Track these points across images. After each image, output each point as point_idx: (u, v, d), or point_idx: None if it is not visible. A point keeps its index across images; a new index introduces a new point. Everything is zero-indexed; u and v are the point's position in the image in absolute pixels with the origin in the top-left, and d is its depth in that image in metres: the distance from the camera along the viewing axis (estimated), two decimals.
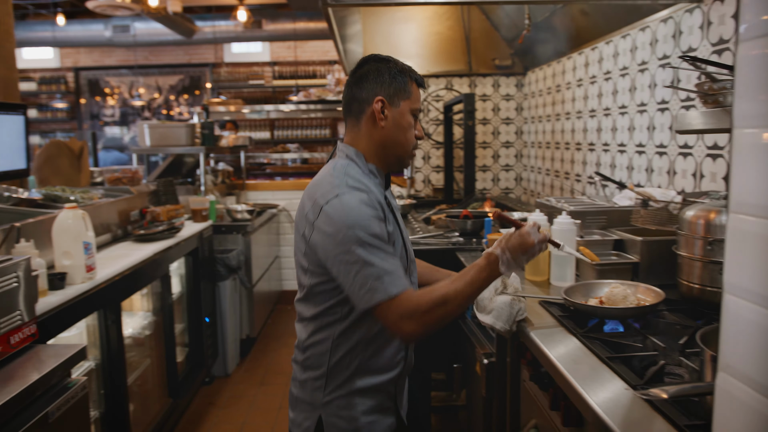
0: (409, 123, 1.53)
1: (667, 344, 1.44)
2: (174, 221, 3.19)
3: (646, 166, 2.81)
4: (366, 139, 1.52)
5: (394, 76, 1.50)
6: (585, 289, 1.77)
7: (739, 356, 0.73)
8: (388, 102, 1.49)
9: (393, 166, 1.58)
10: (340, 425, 1.49)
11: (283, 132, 9.92)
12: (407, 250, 1.57)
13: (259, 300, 4.39)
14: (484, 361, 2.12)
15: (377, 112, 1.48)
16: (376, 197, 1.44)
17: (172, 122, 5.59)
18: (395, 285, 1.35)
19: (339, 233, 1.35)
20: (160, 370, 2.90)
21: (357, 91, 1.51)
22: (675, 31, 2.54)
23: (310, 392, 1.50)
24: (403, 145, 1.53)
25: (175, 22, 8.22)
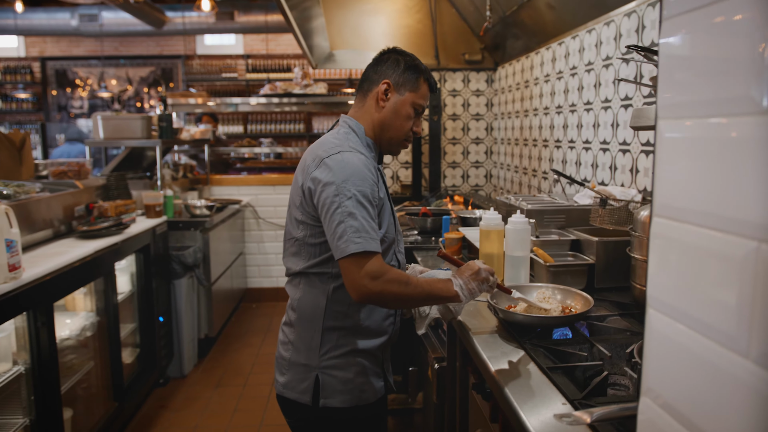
0: (408, 114, 1.61)
1: (613, 353, 1.36)
2: (123, 217, 3.05)
3: (610, 163, 2.74)
4: (367, 116, 1.62)
5: (408, 68, 1.60)
6: (508, 298, 1.69)
7: (661, 381, 0.63)
8: (394, 88, 1.59)
9: (384, 148, 1.67)
10: (337, 386, 1.55)
11: (257, 126, 9.73)
12: (395, 221, 1.65)
13: (219, 298, 4.25)
14: (435, 366, 2.03)
15: (381, 93, 1.59)
16: (373, 163, 1.55)
17: (127, 114, 5.41)
18: (371, 245, 1.40)
19: (334, 183, 1.43)
20: (104, 373, 2.76)
21: (372, 72, 1.63)
22: (638, 25, 2.47)
23: (306, 353, 1.56)
24: (396, 129, 1.61)
25: (143, 11, 7.99)
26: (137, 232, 3.10)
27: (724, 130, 0.53)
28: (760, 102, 0.48)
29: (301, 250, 1.56)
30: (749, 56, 0.49)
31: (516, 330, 1.51)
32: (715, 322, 0.56)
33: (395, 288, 1.41)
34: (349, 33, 4.71)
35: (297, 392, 1.57)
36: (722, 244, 0.54)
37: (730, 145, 0.53)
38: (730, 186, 0.53)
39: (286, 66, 9.71)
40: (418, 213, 2.88)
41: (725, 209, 0.53)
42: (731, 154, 0.52)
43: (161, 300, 3.51)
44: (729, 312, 0.53)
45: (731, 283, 0.52)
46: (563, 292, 1.65)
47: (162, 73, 10.23)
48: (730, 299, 0.53)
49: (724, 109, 0.53)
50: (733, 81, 0.52)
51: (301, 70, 5.01)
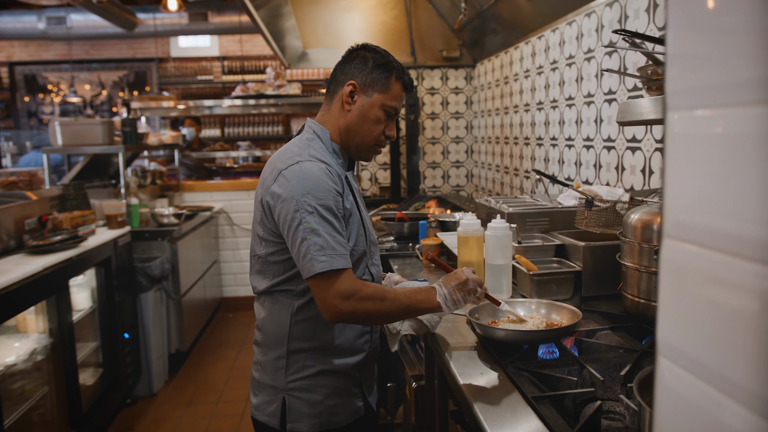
0: (377, 117, 1.48)
1: (606, 375, 1.21)
2: (80, 229, 2.85)
3: (594, 161, 2.61)
4: (333, 120, 1.51)
5: (377, 66, 1.47)
6: (493, 310, 1.54)
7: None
8: (361, 89, 1.47)
9: (353, 155, 1.55)
10: (303, 409, 1.46)
11: (234, 129, 9.52)
12: (366, 231, 1.53)
13: (190, 310, 4.05)
14: (413, 384, 1.88)
15: (345, 96, 1.48)
16: (336, 171, 1.43)
17: (87, 119, 5.18)
18: (338, 262, 1.31)
19: (294, 197, 1.33)
20: (59, 399, 2.56)
21: (339, 72, 1.52)
22: (621, 15, 2.33)
23: (272, 374, 1.48)
24: (364, 134, 1.50)
25: (113, 13, 7.74)
26: (96, 245, 2.90)
27: (762, 123, 0.38)
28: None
29: (264, 268, 1.47)
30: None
31: (497, 349, 1.36)
32: (750, 384, 0.40)
33: (369, 306, 1.33)
34: (322, 31, 4.54)
35: (266, 415, 1.49)
36: (758, 278, 0.39)
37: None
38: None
39: (262, 67, 9.50)
40: (394, 218, 2.72)
41: (762, 232, 0.38)
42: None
43: (126, 315, 3.31)
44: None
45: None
46: (547, 306, 1.51)
47: (135, 76, 9.96)
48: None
49: (761, 94, 0.38)
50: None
51: (274, 71, 4.82)
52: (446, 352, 1.41)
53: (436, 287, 1.40)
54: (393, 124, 1.54)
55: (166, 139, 4.94)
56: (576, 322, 1.34)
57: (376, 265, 1.59)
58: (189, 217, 4.07)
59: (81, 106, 9.86)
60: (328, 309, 1.32)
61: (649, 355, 1.28)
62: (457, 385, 1.25)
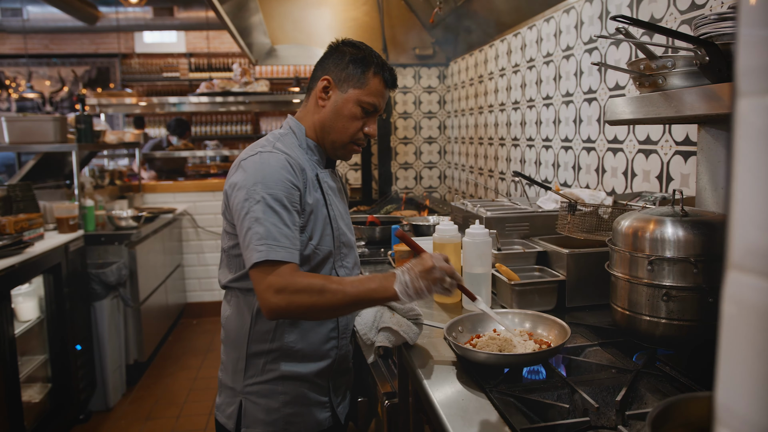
0: (352, 113, 1.42)
1: (600, 400, 1.09)
2: (25, 233, 2.63)
3: (573, 163, 2.51)
4: (309, 116, 1.47)
5: (353, 61, 1.41)
6: (478, 321, 1.41)
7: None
8: (336, 84, 1.42)
9: (330, 153, 1.49)
10: (259, 415, 1.40)
11: (202, 128, 9.25)
12: (335, 231, 1.46)
13: (150, 318, 3.84)
14: (385, 402, 1.74)
15: (319, 91, 1.43)
16: (299, 165, 1.36)
17: (36, 115, 4.92)
18: (277, 253, 1.24)
19: (245, 186, 1.29)
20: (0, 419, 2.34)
21: (317, 68, 1.48)
22: (602, 10, 2.24)
23: (232, 375, 1.44)
24: (339, 131, 1.44)
25: (73, 6, 7.42)
26: (43, 251, 2.68)
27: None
28: None
29: (229, 262, 1.44)
30: None
31: (478, 369, 1.23)
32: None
33: (305, 299, 1.23)
34: (291, 27, 4.38)
35: (224, 416, 1.45)
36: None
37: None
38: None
39: (230, 64, 9.26)
40: (364, 222, 2.58)
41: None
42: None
43: (79, 326, 3.10)
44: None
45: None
46: (532, 319, 1.39)
47: (98, 72, 9.60)
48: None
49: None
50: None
51: (241, 68, 4.63)
52: (421, 372, 1.28)
53: (396, 272, 1.28)
54: (373, 121, 1.47)
55: (128, 137, 4.71)
56: (565, 341, 1.22)
57: (346, 267, 1.51)
58: (149, 219, 3.86)
59: (39, 102, 9.45)
60: (261, 303, 1.24)
61: (644, 375, 1.17)
62: (435, 412, 1.12)
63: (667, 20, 1.83)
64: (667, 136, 1.87)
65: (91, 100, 4.78)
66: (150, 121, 9.15)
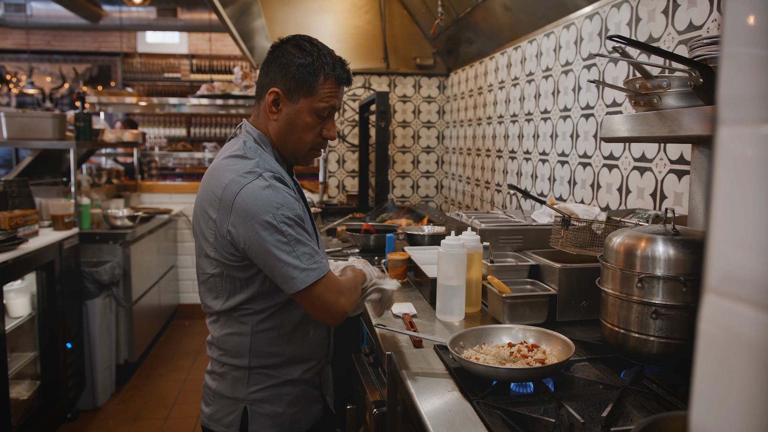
0: (306, 123, 1.37)
1: (586, 416, 1.10)
2: (20, 230, 2.63)
3: (568, 177, 2.53)
4: (264, 125, 1.41)
5: (301, 69, 1.33)
6: (483, 335, 1.42)
7: None
8: (286, 96, 1.35)
9: (290, 160, 1.46)
10: (266, 420, 1.42)
11: (201, 130, 9.27)
12: (317, 235, 1.51)
13: (142, 318, 3.83)
14: (374, 410, 1.74)
15: (269, 105, 1.36)
16: (288, 179, 1.39)
17: (36, 111, 4.92)
18: (325, 266, 1.32)
19: (266, 215, 1.25)
20: None
21: (262, 74, 1.39)
22: (601, 28, 2.26)
23: (231, 386, 1.42)
24: (295, 143, 1.40)
25: (77, 3, 7.44)
26: (37, 247, 2.68)
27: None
28: None
29: (217, 287, 1.39)
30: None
31: (466, 381, 1.24)
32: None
33: (356, 296, 1.41)
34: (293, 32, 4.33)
35: (223, 425, 1.43)
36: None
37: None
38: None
39: (232, 67, 9.28)
40: (359, 229, 2.59)
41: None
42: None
43: (70, 324, 3.09)
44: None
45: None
46: (538, 335, 1.39)
47: (99, 70, 9.61)
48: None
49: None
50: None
51: (242, 71, 4.65)
52: (410, 381, 1.28)
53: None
54: (331, 123, 1.42)
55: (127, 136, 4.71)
56: (566, 358, 1.23)
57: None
58: (145, 219, 3.86)
59: (40, 98, 9.45)
60: (335, 311, 1.32)
61: (630, 392, 1.18)
62: (421, 421, 1.12)
63: (665, 40, 1.85)
64: (662, 154, 1.88)
65: (91, 98, 4.78)
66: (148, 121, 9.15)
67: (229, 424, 1.42)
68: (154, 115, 9.16)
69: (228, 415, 1.43)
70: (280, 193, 1.28)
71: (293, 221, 1.28)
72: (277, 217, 1.25)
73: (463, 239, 1.70)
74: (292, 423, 1.46)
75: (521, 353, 1.30)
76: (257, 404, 1.42)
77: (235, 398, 1.42)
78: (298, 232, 1.28)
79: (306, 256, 1.27)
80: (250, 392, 1.41)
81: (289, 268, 1.26)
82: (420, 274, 2.00)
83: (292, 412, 1.46)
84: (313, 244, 1.32)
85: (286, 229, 1.26)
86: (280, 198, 1.27)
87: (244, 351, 1.41)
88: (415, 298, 1.95)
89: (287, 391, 1.45)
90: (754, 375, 0.34)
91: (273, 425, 1.43)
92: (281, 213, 1.26)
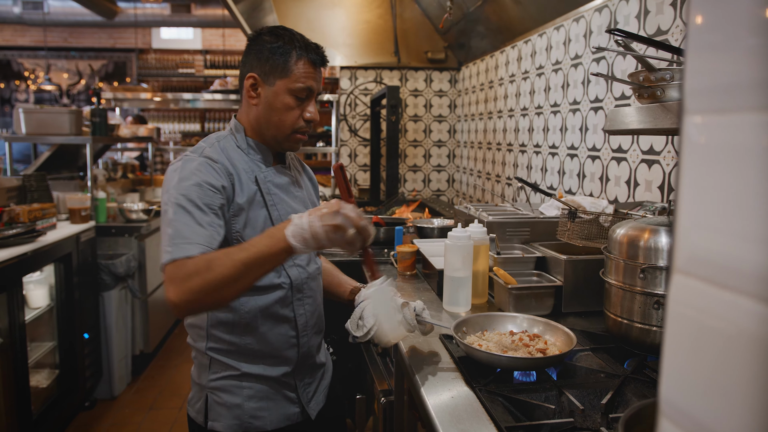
0: (285, 104, 1.38)
1: (586, 404, 1.12)
2: (38, 223, 2.70)
3: (578, 170, 2.53)
4: (245, 115, 1.44)
5: (273, 51, 1.37)
6: (486, 322, 1.44)
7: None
8: (262, 80, 1.38)
9: (274, 147, 1.46)
10: (223, 410, 1.41)
11: (215, 124, 9.37)
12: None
13: (157, 310, 3.90)
14: (381, 399, 1.77)
15: (247, 90, 1.40)
16: (225, 168, 1.34)
17: (53, 107, 5.00)
18: (185, 250, 1.17)
19: (165, 191, 1.29)
20: (6, 403, 2.40)
21: (241, 66, 1.44)
22: (610, 21, 2.26)
23: (197, 371, 1.46)
24: (276, 126, 1.41)
25: (93, 1, 7.53)
26: (55, 240, 2.75)
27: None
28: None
29: None
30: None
31: (471, 369, 1.26)
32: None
33: (197, 281, 1.11)
34: (305, 27, 4.42)
35: (194, 411, 1.47)
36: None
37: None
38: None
39: None
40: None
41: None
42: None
43: (87, 315, 3.16)
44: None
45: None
46: (542, 325, 1.41)
47: (115, 66, 9.73)
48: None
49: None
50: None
51: None
52: (415, 369, 1.31)
53: (292, 216, 1.17)
54: (311, 105, 1.41)
55: (142, 132, 4.78)
56: (568, 350, 1.25)
57: (299, 266, 1.47)
58: (159, 213, 3.92)
59: (57, 94, 9.60)
60: (168, 301, 1.15)
61: (631, 380, 1.20)
62: (425, 408, 1.15)
63: (673, 32, 1.85)
64: (669, 146, 1.89)
65: (107, 94, 4.85)
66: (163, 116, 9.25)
67: (198, 410, 1.44)
68: (168, 111, 9.26)
69: (197, 402, 1.45)
70: (183, 173, 1.29)
71: (176, 200, 1.24)
72: (167, 194, 1.28)
73: (470, 231, 1.72)
74: (252, 418, 1.43)
75: (523, 342, 1.32)
76: (215, 393, 1.42)
77: (200, 384, 1.44)
78: (175, 211, 1.23)
79: (166, 237, 1.20)
80: (211, 380, 1.42)
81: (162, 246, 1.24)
82: (428, 266, 2.03)
83: (253, 407, 1.43)
84: (189, 227, 1.21)
85: (168, 209, 1.25)
86: (177, 177, 1.29)
87: (202, 335, 1.41)
88: (423, 289, 1.97)
89: (248, 385, 1.42)
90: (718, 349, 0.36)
91: (230, 416, 1.41)
92: (173, 191, 1.26)
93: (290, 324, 1.45)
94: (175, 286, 1.12)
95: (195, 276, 1.12)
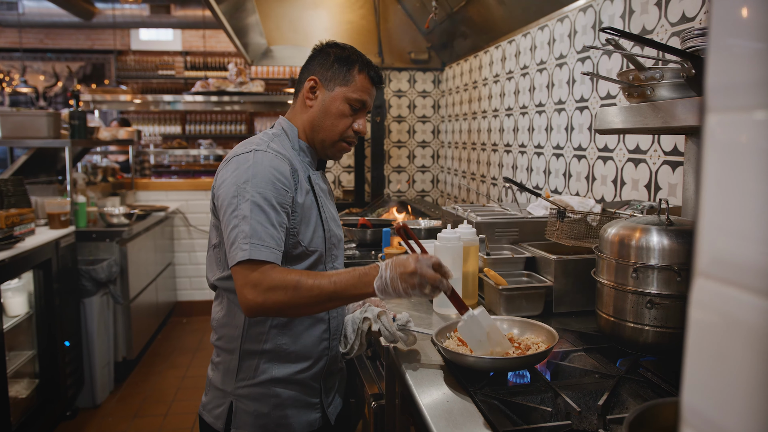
0: (340, 110, 1.44)
1: (582, 405, 1.11)
2: (16, 228, 2.63)
3: (563, 170, 2.54)
4: (299, 117, 1.49)
5: (338, 60, 1.44)
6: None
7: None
8: (322, 84, 1.44)
9: (320, 152, 1.51)
10: (248, 418, 1.41)
11: (196, 127, 9.24)
12: (326, 232, 1.47)
13: (140, 316, 3.83)
14: (372, 403, 1.75)
15: (306, 91, 1.46)
16: (292, 166, 1.38)
17: (30, 110, 4.90)
18: (261, 252, 1.24)
19: (236, 183, 1.30)
20: None
21: (303, 69, 1.50)
22: (595, 20, 2.27)
23: (222, 377, 1.44)
24: (327, 130, 1.45)
25: (69, 1, 7.39)
26: (34, 246, 2.68)
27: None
28: None
29: (216, 259, 1.44)
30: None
31: (464, 373, 1.25)
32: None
33: (280, 296, 1.22)
34: (287, 27, 4.39)
35: (212, 416, 1.46)
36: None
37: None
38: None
39: (226, 64, 9.25)
40: (355, 224, 2.59)
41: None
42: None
43: (68, 322, 3.09)
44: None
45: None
46: (520, 326, 1.40)
47: (93, 68, 9.57)
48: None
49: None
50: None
51: (236, 67, 4.64)
52: (408, 374, 1.29)
53: (380, 267, 1.26)
54: (362, 118, 1.48)
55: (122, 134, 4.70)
56: (551, 347, 1.24)
57: (337, 268, 1.53)
58: (141, 217, 3.85)
59: (33, 97, 9.40)
60: (240, 299, 1.24)
61: (626, 381, 1.19)
62: (420, 413, 1.13)
63: (658, 32, 1.86)
64: (656, 145, 1.90)
65: (86, 96, 4.77)
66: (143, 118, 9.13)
67: (217, 416, 1.44)
68: (148, 113, 9.13)
69: (217, 407, 1.45)
70: (258, 168, 1.30)
71: (252, 198, 1.27)
72: (240, 188, 1.29)
73: (459, 232, 1.71)
74: (277, 427, 1.43)
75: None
76: (242, 400, 1.42)
77: (224, 390, 1.44)
78: (251, 209, 1.26)
79: (242, 235, 1.24)
80: (238, 387, 1.42)
81: (228, 242, 1.28)
82: None
83: (279, 415, 1.43)
84: (263, 227, 1.26)
85: (241, 204, 1.27)
86: (252, 172, 1.30)
87: (236, 335, 1.41)
88: None
89: (275, 392, 1.42)
90: (744, 354, 0.35)
91: (255, 425, 1.41)
92: (245, 187, 1.28)
93: (324, 325, 1.48)
94: (258, 293, 1.22)
95: (281, 290, 1.22)
